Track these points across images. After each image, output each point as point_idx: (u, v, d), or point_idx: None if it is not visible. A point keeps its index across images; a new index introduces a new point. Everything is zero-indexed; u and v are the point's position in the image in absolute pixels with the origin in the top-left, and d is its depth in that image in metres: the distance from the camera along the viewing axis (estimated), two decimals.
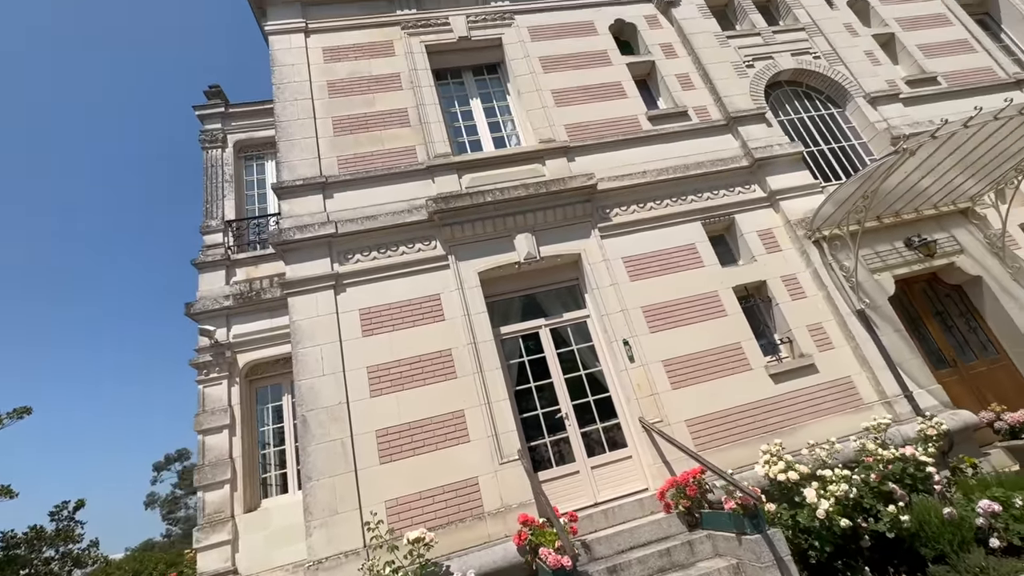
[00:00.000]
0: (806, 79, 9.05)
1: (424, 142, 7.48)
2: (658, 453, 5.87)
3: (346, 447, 5.56)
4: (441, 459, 5.63)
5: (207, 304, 7.64)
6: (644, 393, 6.17)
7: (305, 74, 7.85)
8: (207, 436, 7.02)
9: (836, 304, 6.78)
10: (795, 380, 6.41)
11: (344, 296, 6.37)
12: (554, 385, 6.49)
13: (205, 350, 7.42)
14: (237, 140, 9.31)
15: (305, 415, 5.65)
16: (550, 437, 6.21)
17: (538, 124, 7.84)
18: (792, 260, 7.20)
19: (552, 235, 6.98)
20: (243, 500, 6.82)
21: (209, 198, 8.65)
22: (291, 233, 6.49)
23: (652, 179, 7.42)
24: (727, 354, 6.50)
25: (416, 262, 6.66)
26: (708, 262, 7.07)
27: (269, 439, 7.50)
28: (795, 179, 7.63)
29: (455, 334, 6.27)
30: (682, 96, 8.43)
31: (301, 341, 6.02)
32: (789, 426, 6.11)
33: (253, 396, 7.60)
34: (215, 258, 8.10)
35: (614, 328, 6.51)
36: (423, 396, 5.91)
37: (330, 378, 5.87)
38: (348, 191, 7.01)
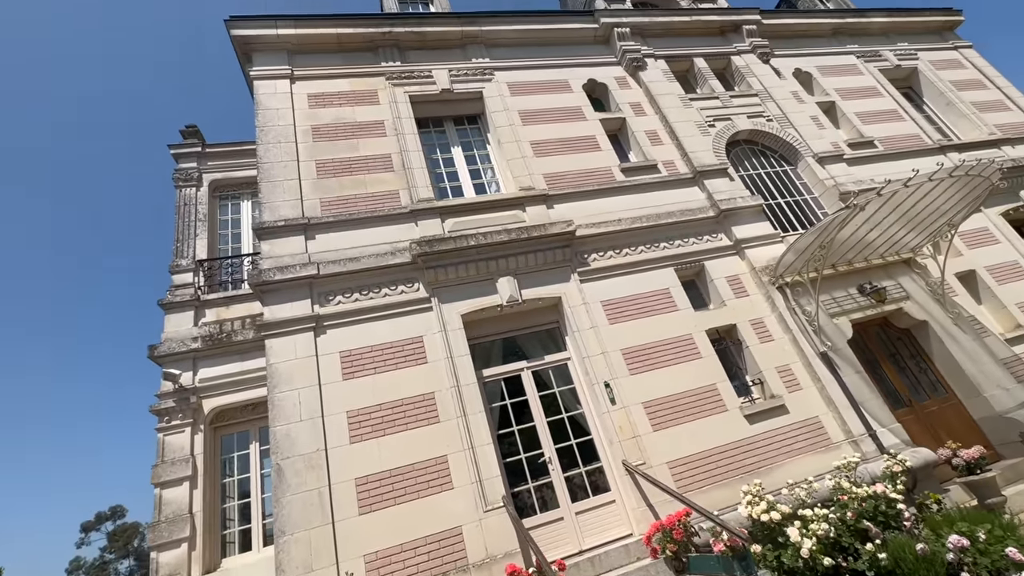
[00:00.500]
0: (761, 139, 9.87)
1: (408, 187, 7.64)
2: (642, 497, 5.88)
3: (323, 497, 5.31)
4: (424, 508, 5.44)
5: (173, 346, 7.30)
6: (626, 435, 6.23)
7: (289, 118, 7.96)
8: (165, 489, 6.53)
9: (801, 347, 7.16)
10: (768, 420, 6.64)
11: (324, 338, 6.24)
12: (536, 429, 6.47)
13: (168, 395, 7.02)
14: (213, 179, 9.21)
15: (280, 464, 5.39)
16: (533, 482, 6.13)
17: (518, 173, 8.17)
18: (759, 304, 7.60)
19: (533, 279, 7.15)
20: (202, 560, 6.30)
21: (180, 237, 8.43)
22: (271, 274, 6.39)
23: (627, 227, 7.79)
24: (704, 395, 6.69)
25: (399, 304, 6.64)
26: (682, 306, 7.38)
27: (233, 492, 7.03)
28: (757, 229, 8.18)
29: (438, 377, 6.22)
30: (651, 151, 9.01)
31: (278, 385, 5.81)
32: (765, 466, 6.27)
33: (218, 445, 7.18)
34: (184, 298, 7.81)
35: (595, 370, 6.62)
36: (405, 441, 5.76)
37: (308, 424, 5.66)
38: (330, 233, 7.02)
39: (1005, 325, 8.47)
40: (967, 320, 7.94)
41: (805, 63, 11.45)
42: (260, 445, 7.34)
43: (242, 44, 8.57)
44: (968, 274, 8.81)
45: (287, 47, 8.68)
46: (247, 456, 7.26)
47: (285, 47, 8.67)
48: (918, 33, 13.12)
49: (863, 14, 12.61)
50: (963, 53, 12.99)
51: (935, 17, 13.28)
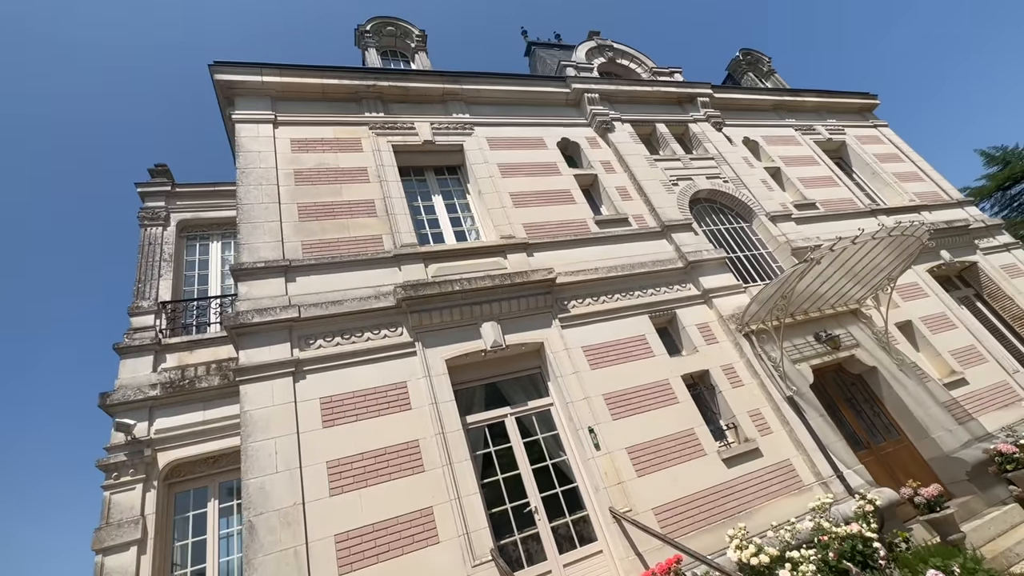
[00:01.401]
0: (719, 198, 10.72)
1: (391, 232, 7.71)
2: (630, 545, 5.82)
3: (299, 557, 4.92)
4: (409, 564, 5.14)
5: (128, 394, 6.76)
6: (612, 481, 6.22)
7: (272, 161, 7.96)
8: (108, 556, 5.83)
9: (769, 391, 7.53)
10: (744, 464, 6.82)
11: (304, 383, 6.00)
12: (522, 477, 6.35)
13: (119, 448, 6.42)
14: (181, 219, 8.91)
15: (252, 520, 4.99)
16: (520, 533, 5.95)
17: (498, 222, 8.43)
18: (728, 351, 7.99)
19: (516, 324, 7.25)
20: None
21: (142, 277, 8.00)
22: (249, 316, 6.16)
23: (603, 275, 8.12)
24: (683, 440, 6.84)
25: (382, 348, 6.53)
26: (658, 352, 7.64)
27: (187, 556, 6.36)
28: (722, 280, 8.72)
29: (422, 424, 6.07)
30: (622, 205, 9.57)
31: (252, 434, 5.48)
32: (745, 509, 6.38)
33: (171, 503, 6.55)
34: (143, 342, 7.33)
35: (579, 415, 6.66)
36: (388, 493, 5.50)
37: (284, 475, 5.32)
38: (312, 275, 6.90)
39: (941, 371, 9.25)
40: (910, 366, 8.65)
41: (752, 132, 12.70)
42: (219, 503, 6.76)
43: (225, 88, 8.62)
44: (906, 324, 9.65)
45: (271, 93, 8.80)
46: (203, 516, 6.64)
47: (269, 93, 8.79)
48: (844, 112, 14.92)
49: (798, 93, 14.27)
50: (881, 131, 14.84)
51: (856, 100, 15.19)
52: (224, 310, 8.18)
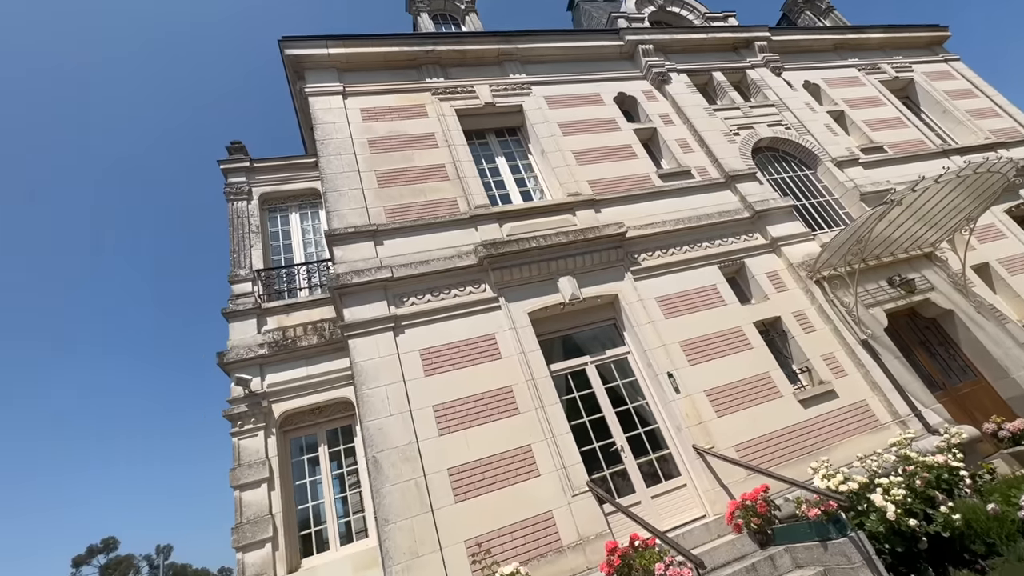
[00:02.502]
0: (781, 146, 10.49)
1: (464, 194, 8.01)
2: (715, 478, 6.18)
3: (420, 487, 5.52)
4: (514, 495, 5.67)
5: (240, 353, 7.46)
6: (693, 422, 6.55)
7: (346, 131, 8.31)
8: (244, 492, 6.64)
9: (843, 335, 7.61)
10: (821, 405, 7.03)
11: (403, 337, 6.50)
12: (605, 419, 6.76)
13: (239, 400, 7.16)
14: (262, 193, 9.46)
15: (376, 456, 5.60)
16: (608, 470, 6.40)
17: (564, 180, 8.59)
18: (798, 298, 8.06)
19: (590, 278, 7.52)
20: (285, 559, 6.40)
21: (236, 248, 8.63)
22: (348, 277, 6.65)
23: (671, 228, 8.24)
24: (759, 383, 7.07)
25: (468, 304, 6.94)
26: (729, 300, 7.80)
27: (307, 494, 7.15)
28: (790, 228, 8.69)
29: (513, 371, 6.50)
30: (683, 157, 9.53)
31: (366, 382, 6.04)
32: (823, 447, 6.63)
33: (287, 448, 7.31)
34: (245, 307, 7.99)
35: (657, 362, 6.97)
36: (490, 433, 6.01)
37: (397, 418, 5.89)
38: (397, 238, 7.32)
39: (1020, 313, 9.04)
40: (988, 308, 8.50)
41: (813, 75, 12.20)
42: (328, 448, 7.49)
43: (294, 63, 8.94)
44: (982, 266, 9.41)
45: (337, 65, 9.08)
46: (316, 458, 7.39)
47: (335, 65, 9.07)
48: (911, 48, 14.04)
49: (861, 30, 13.50)
50: (952, 66, 13.93)
51: (924, 33, 14.24)
52: (311, 276, 8.77)
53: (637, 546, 4.91)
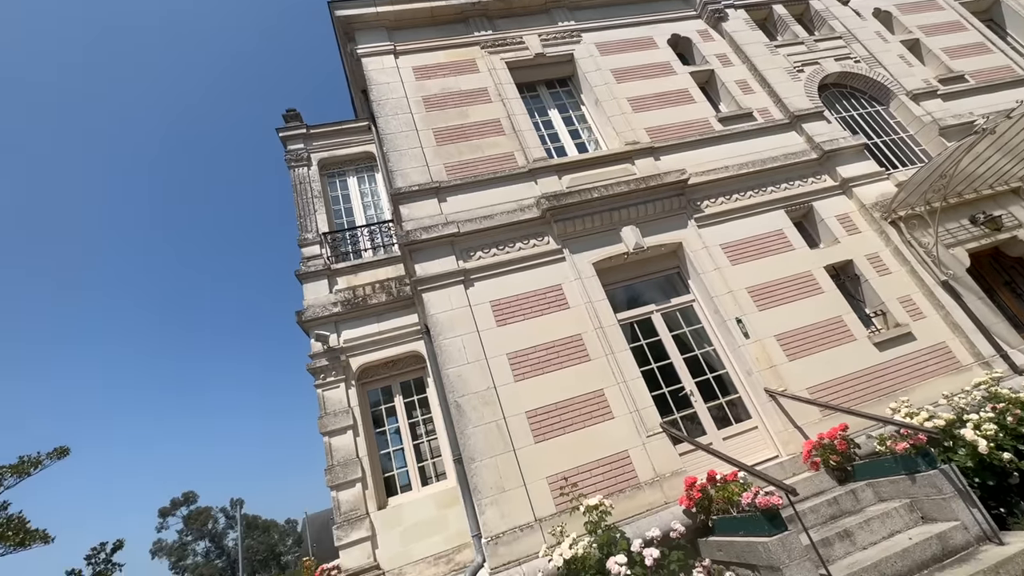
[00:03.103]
0: (850, 81, 9.85)
1: (521, 148, 7.98)
2: (788, 420, 6.22)
3: (501, 429, 5.80)
4: (590, 436, 5.89)
5: (317, 311, 7.88)
6: (764, 366, 6.55)
7: (401, 91, 8.35)
8: (332, 437, 7.16)
9: (921, 277, 7.31)
10: (897, 347, 6.86)
11: (473, 290, 6.70)
12: (673, 366, 6.84)
13: (320, 355, 7.62)
14: (320, 158, 9.70)
15: (458, 401, 5.90)
16: (678, 413, 6.53)
17: (620, 128, 8.41)
18: (871, 240, 7.75)
19: (653, 227, 7.45)
20: (374, 498, 6.94)
21: (302, 213, 8.97)
22: (417, 234, 6.85)
23: (734, 173, 7.99)
24: (831, 327, 6.94)
25: (533, 256, 7.04)
26: (797, 245, 7.58)
27: (388, 441, 7.64)
28: (862, 168, 8.27)
29: (582, 320, 6.62)
30: (744, 99, 9.11)
31: (442, 333, 6.31)
32: (900, 389, 6.51)
33: (366, 398, 7.78)
34: (316, 268, 8.37)
35: (724, 308, 6.93)
36: (563, 378, 6.21)
37: (474, 365, 6.15)
38: (459, 195, 7.42)
39: None
40: None
41: (883, 2, 11.25)
42: (403, 398, 7.92)
43: (344, 24, 8.95)
44: None
45: (385, 24, 9.03)
46: (392, 408, 7.85)
47: (384, 24, 9.02)
48: None
49: None
50: None
51: None
52: (373, 237, 9.05)
53: (717, 480, 5.08)
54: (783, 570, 3.90)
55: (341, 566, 6.48)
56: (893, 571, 4.03)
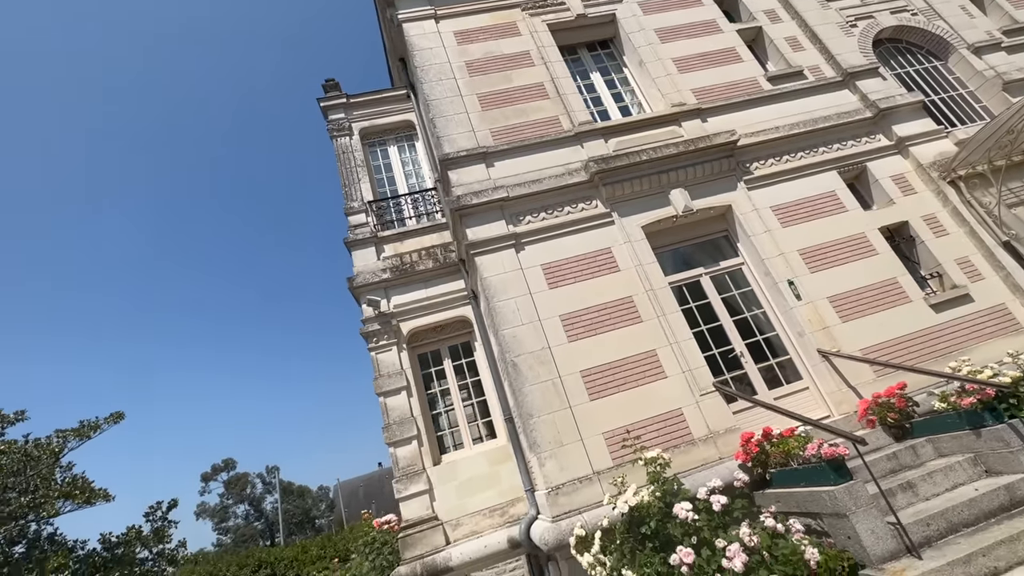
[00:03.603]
0: (906, 35, 9.41)
1: (565, 111, 7.91)
2: (841, 380, 6.23)
3: (557, 387, 5.96)
4: (644, 394, 6.02)
5: (367, 278, 8.08)
6: (816, 327, 6.53)
7: (444, 56, 8.30)
8: (387, 398, 7.44)
9: (980, 238, 7.12)
10: (954, 309, 6.75)
11: (524, 254, 6.79)
12: (723, 328, 6.88)
13: (372, 320, 7.85)
14: (361, 128, 9.77)
15: (514, 360, 6.07)
16: (729, 374, 6.59)
17: (666, 90, 8.25)
18: (928, 200, 7.54)
19: (702, 189, 7.38)
20: (429, 454, 7.24)
21: (347, 182, 9.10)
22: (468, 199, 6.92)
23: (784, 134, 7.81)
24: (885, 289, 6.85)
25: (581, 220, 7.07)
26: (850, 207, 7.43)
27: (438, 402, 7.91)
28: (920, 126, 7.98)
29: (632, 283, 6.67)
30: (793, 57, 8.81)
31: (496, 295, 6.44)
32: (957, 350, 6.43)
33: (416, 362, 8.02)
34: (363, 236, 8.54)
35: (776, 271, 6.88)
36: (615, 339, 6.31)
37: (528, 327, 6.28)
38: (506, 159, 7.44)
39: None
40: None
41: None
42: (452, 361, 8.15)
43: None
44: None
45: None
46: (441, 371, 8.09)
47: None
48: None
49: None
50: None
51: None
52: (416, 205, 9.16)
53: (773, 437, 5.17)
54: (849, 516, 4.00)
55: (402, 516, 6.82)
56: (960, 519, 4.10)
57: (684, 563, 3.91)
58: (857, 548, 3.96)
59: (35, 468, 15.78)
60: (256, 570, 25.01)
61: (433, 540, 6.60)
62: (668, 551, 4.29)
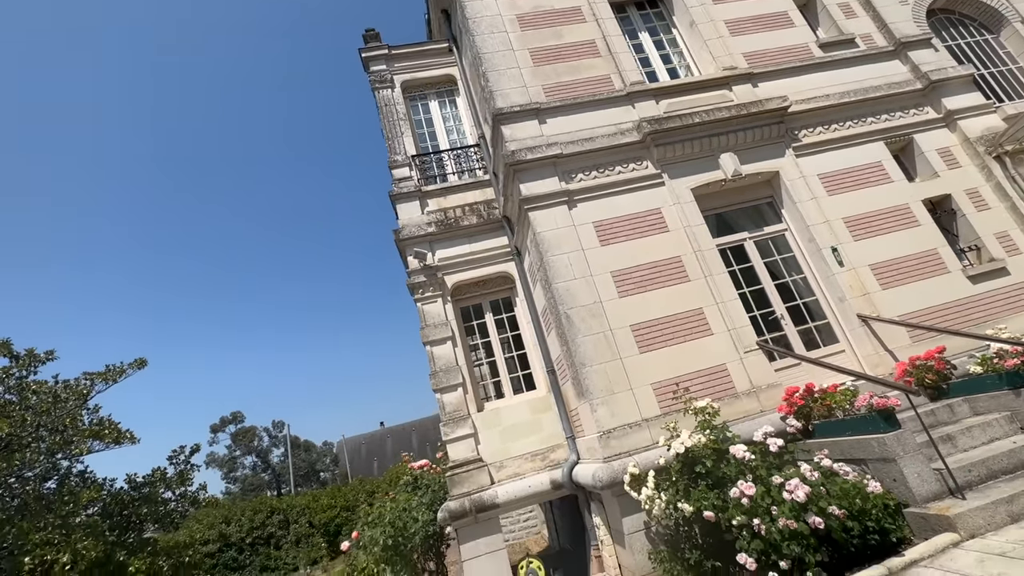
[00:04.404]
0: (959, 7, 9.28)
1: (617, 71, 7.89)
2: (879, 344, 6.50)
3: (608, 339, 6.22)
4: (690, 349, 6.28)
5: (412, 231, 8.23)
6: (857, 293, 6.75)
7: (495, 8, 8.21)
8: (434, 347, 7.72)
9: (1021, 212, 7.26)
10: (990, 281, 6.95)
11: (576, 211, 6.92)
12: (764, 291, 7.09)
13: (418, 272, 8.05)
14: (403, 80, 9.71)
15: (568, 312, 6.30)
16: (769, 334, 6.85)
17: (717, 53, 8.19)
18: (972, 175, 7.64)
19: (751, 154, 7.45)
20: (474, 401, 7.57)
21: (389, 135, 9.12)
22: (522, 154, 7.00)
23: (834, 102, 7.82)
24: (925, 259, 7.04)
25: (632, 180, 7.17)
26: (896, 178, 7.53)
27: (480, 352, 8.19)
28: (969, 99, 7.99)
29: (681, 243, 6.84)
30: (846, 24, 8.71)
31: (549, 249, 6.61)
32: (992, 319, 6.67)
33: (459, 314, 8.26)
34: (408, 190, 8.63)
35: (820, 237, 7.04)
36: (664, 297, 6.52)
37: (581, 281, 6.49)
38: (559, 117, 7.48)
39: None
40: None
41: None
42: (493, 315, 8.40)
43: None
44: None
45: None
46: (484, 324, 8.35)
47: None
48: None
49: None
50: None
51: None
52: (459, 161, 9.21)
53: (815, 392, 5.46)
54: (897, 461, 4.32)
55: (451, 457, 7.18)
56: (1000, 467, 4.42)
57: (745, 495, 4.23)
58: (903, 490, 4.29)
59: (64, 408, 16.29)
60: (269, 515, 26.05)
61: (479, 479, 6.99)
62: (721, 488, 4.63)
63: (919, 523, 4.12)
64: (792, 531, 3.95)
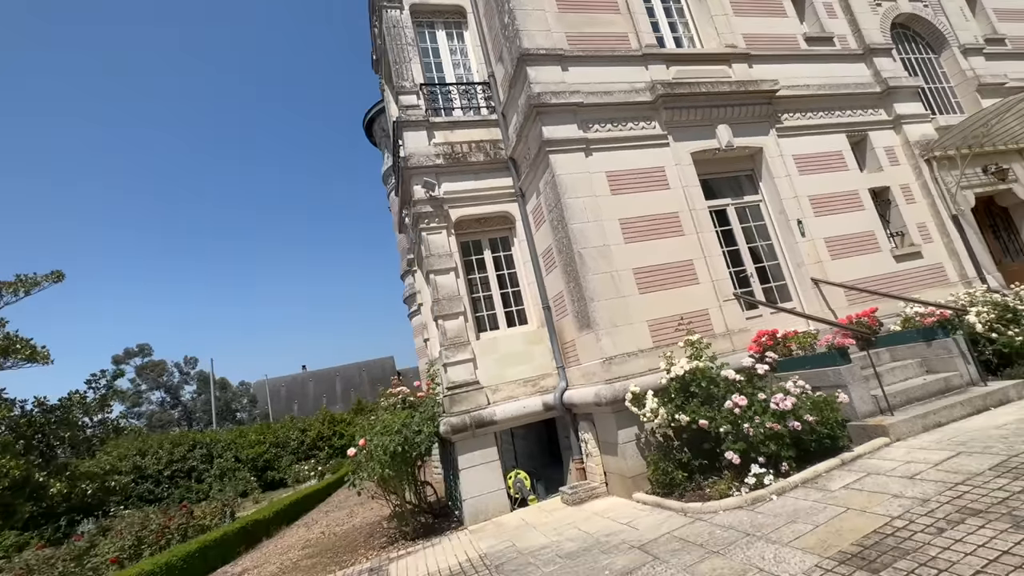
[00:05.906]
0: (915, 25, 10.62)
1: (635, 31, 8.29)
2: (824, 303, 7.79)
3: (614, 279, 6.91)
4: (680, 294, 7.15)
5: (420, 160, 8.26)
6: (812, 260, 7.97)
7: None
8: (437, 276, 7.99)
9: (938, 209, 8.85)
10: (908, 262, 8.50)
11: (591, 159, 7.40)
12: (739, 252, 8.12)
13: (424, 201, 8.16)
14: (412, 3, 9.37)
15: (581, 251, 6.87)
16: (739, 290, 7.91)
17: (722, 30, 8.84)
18: (906, 172, 9.10)
19: (741, 129, 8.29)
20: (474, 329, 8.02)
21: (397, 60, 8.87)
22: (547, 97, 7.28)
23: (813, 92, 8.84)
24: (865, 238, 8.41)
25: (642, 138, 7.74)
26: (851, 167, 8.79)
27: (478, 287, 8.58)
28: (914, 108, 9.39)
29: (679, 201, 7.60)
30: (828, 23, 9.70)
31: (567, 192, 7.08)
32: (907, 292, 8.21)
33: (460, 248, 8.54)
34: (416, 118, 8.57)
35: (789, 210, 8.14)
36: (661, 247, 7.29)
37: (593, 224, 7.06)
38: (579, 67, 7.79)
39: None
40: None
41: None
42: (491, 252, 8.77)
43: None
44: None
45: None
46: (483, 259, 8.71)
47: None
48: None
49: None
50: None
51: None
52: (467, 97, 9.22)
53: (778, 336, 6.57)
54: (848, 386, 5.48)
55: (450, 379, 7.64)
56: (915, 396, 5.76)
57: (738, 405, 5.20)
58: (848, 409, 5.46)
59: None
60: (191, 449, 25.09)
61: (477, 399, 7.57)
62: (710, 404, 5.60)
63: (859, 432, 5.32)
64: (774, 432, 4.97)
